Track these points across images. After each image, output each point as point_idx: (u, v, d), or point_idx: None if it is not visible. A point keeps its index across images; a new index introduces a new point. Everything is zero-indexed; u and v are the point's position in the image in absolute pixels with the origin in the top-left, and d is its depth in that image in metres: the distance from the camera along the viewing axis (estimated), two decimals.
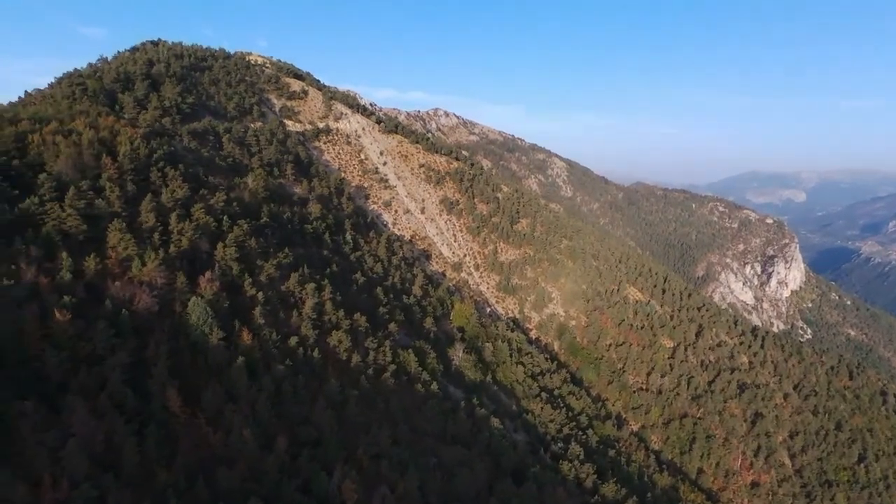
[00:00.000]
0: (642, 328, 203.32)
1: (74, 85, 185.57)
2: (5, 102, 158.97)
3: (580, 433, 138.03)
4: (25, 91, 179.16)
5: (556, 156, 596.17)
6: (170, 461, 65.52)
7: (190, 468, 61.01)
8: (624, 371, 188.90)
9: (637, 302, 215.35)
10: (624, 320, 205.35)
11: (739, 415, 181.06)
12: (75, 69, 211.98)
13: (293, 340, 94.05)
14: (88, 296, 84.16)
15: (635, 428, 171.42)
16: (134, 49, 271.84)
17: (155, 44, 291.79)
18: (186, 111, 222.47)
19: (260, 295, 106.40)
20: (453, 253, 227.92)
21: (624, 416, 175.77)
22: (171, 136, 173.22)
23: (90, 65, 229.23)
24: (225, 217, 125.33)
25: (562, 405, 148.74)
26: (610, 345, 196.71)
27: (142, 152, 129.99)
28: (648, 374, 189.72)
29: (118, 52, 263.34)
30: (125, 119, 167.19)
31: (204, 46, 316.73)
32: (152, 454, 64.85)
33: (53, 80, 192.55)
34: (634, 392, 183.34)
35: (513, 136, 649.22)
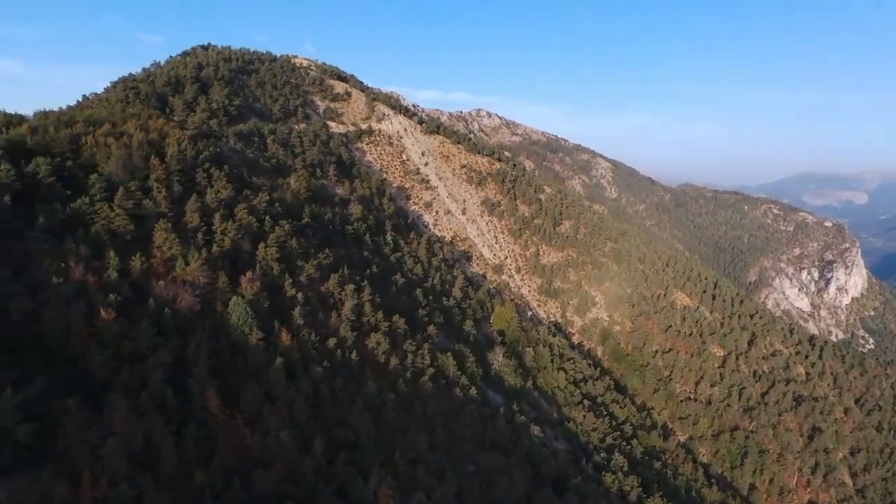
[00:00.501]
0: (690, 335, 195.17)
1: (128, 89, 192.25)
2: (66, 107, 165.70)
3: (624, 443, 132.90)
4: (83, 95, 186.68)
5: (601, 156, 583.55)
6: (207, 462, 65.39)
7: (227, 469, 60.43)
8: (671, 379, 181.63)
9: (685, 308, 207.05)
10: (671, 326, 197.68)
11: (795, 429, 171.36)
12: (130, 74, 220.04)
13: (332, 342, 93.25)
14: (133, 294, 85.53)
15: (682, 439, 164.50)
16: (185, 54, 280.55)
17: (205, 48, 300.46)
18: (233, 113, 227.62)
19: (300, 295, 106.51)
20: (494, 255, 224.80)
21: (670, 426, 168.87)
22: (217, 138, 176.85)
23: (144, 69, 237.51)
24: (267, 217, 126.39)
25: (605, 413, 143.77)
26: (656, 352, 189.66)
27: (188, 153, 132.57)
28: (697, 384, 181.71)
29: (171, 56, 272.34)
30: (174, 121, 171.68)
31: (251, 50, 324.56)
32: (190, 454, 64.21)
33: (109, 85, 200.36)
34: (682, 401, 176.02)
35: (556, 136, 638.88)
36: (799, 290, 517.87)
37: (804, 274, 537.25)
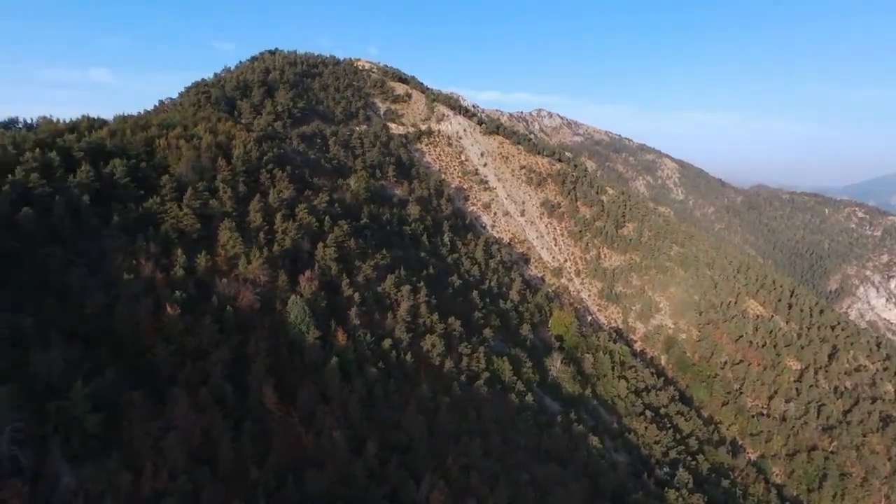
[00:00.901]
0: (763, 346, 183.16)
1: (200, 93, 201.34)
2: (143, 111, 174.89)
3: (689, 458, 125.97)
4: (160, 100, 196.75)
5: (667, 156, 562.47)
6: (263, 459, 66.12)
7: (281, 468, 60.69)
8: (741, 392, 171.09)
9: (758, 317, 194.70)
10: (742, 336, 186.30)
11: (882, 452, 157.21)
12: (202, 79, 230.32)
13: (387, 343, 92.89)
14: (198, 292, 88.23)
15: (753, 457, 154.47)
16: (253, 59, 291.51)
17: (272, 53, 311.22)
18: (297, 115, 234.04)
19: (356, 295, 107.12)
20: (553, 258, 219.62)
21: (740, 442, 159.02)
22: (281, 140, 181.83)
23: (216, 75, 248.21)
24: (327, 218, 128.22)
25: (668, 426, 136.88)
26: (725, 363, 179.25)
27: (253, 155, 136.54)
28: (770, 398, 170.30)
29: (240, 62, 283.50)
30: (241, 123, 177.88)
31: (316, 54, 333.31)
32: (247, 451, 65.13)
33: (183, 90, 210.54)
34: (753, 417, 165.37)
35: (619, 135, 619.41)
36: (887, 300, 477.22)
37: (893, 283, 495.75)
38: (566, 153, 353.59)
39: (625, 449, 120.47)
